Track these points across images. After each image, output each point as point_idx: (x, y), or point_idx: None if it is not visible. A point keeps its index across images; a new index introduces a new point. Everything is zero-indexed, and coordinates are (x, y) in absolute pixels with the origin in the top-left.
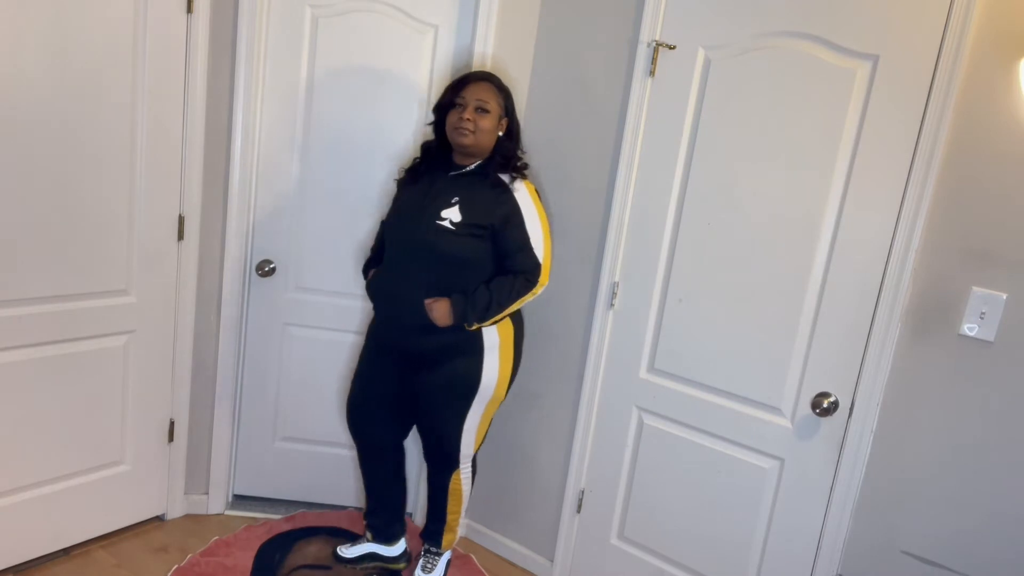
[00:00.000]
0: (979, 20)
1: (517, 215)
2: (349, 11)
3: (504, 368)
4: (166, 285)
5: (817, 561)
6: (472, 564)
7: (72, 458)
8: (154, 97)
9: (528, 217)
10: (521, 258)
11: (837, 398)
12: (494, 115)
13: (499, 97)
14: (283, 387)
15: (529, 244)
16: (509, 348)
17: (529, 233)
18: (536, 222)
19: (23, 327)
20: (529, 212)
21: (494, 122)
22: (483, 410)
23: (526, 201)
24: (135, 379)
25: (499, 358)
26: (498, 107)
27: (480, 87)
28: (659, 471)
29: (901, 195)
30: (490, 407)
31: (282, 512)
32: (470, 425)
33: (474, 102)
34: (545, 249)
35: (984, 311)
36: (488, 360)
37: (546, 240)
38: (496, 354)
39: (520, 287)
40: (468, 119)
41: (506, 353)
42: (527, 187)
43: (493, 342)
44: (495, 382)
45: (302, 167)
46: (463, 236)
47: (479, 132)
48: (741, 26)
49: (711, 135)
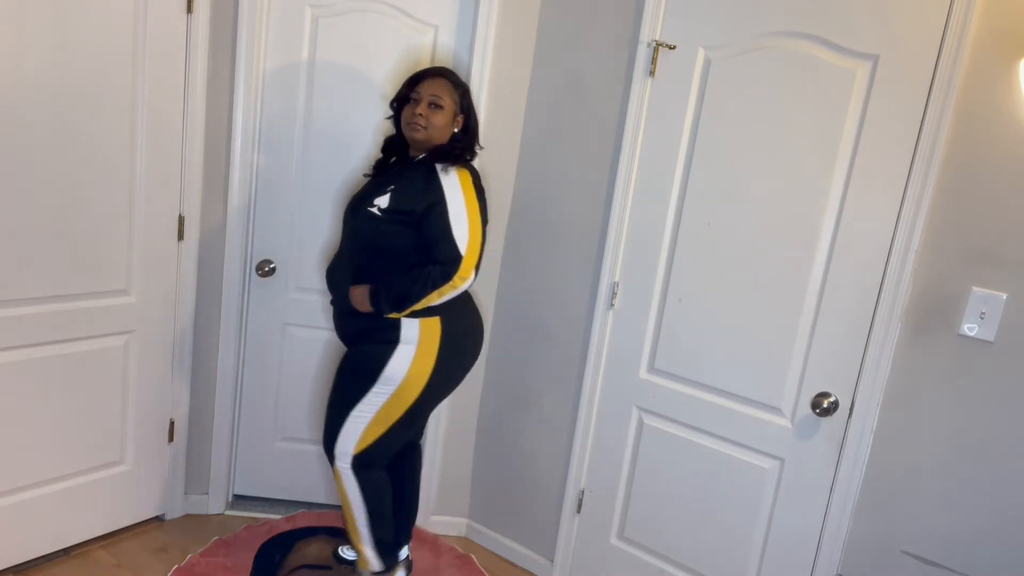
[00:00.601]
0: (979, 20)
1: (441, 202)
2: (349, 11)
3: (420, 366)
4: (166, 285)
5: (817, 561)
6: (472, 564)
7: (72, 458)
8: (154, 97)
9: (452, 204)
10: (442, 247)
11: (837, 398)
12: (448, 111)
13: (455, 93)
14: (283, 387)
15: (450, 233)
16: (432, 347)
17: (452, 222)
18: (461, 210)
19: (23, 327)
20: (455, 199)
21: (448, 118)
22: (380, 404)
23: (453, 188)
24: (135, 379)
25: (416, 353)
26: (453, 103)
27: (435, 83)
28: (659, 471)
29: (901, 195)
30: (391, 405)
31: (282, 512)
32: (357, 414)
33: (428, 97)
34: (470, 240)
35: (984, 311)
36: (401, 352)
37: (473, 230)
38: (412, 348)
39: (437, 278)
40: (420, 114)
41: (426, 351)
42: (459, 174)
43: (412, 335)
44: (403, 375)
45: (302, 167)
46: (388, 223)
47: (431, 128)
48: (741, 26)
49: (711, 135)
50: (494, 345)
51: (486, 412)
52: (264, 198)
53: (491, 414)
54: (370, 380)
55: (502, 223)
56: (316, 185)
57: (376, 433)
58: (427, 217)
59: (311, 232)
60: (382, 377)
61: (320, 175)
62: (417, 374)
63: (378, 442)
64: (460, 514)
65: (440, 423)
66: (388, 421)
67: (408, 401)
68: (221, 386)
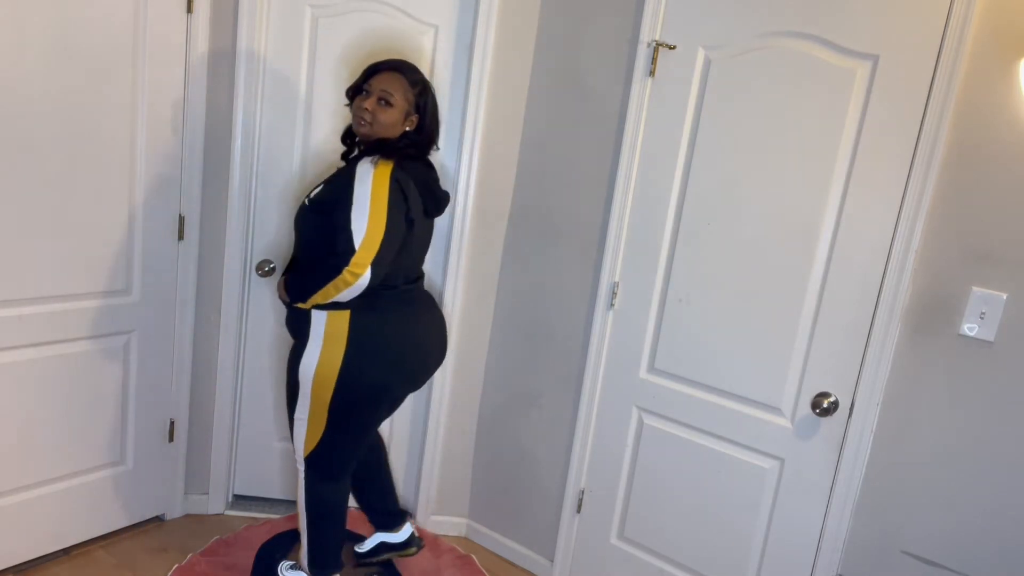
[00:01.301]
0: (979, 20)
1: (348, 193)
2: (349, 11)
3: (326, 364)
4: (166, 285)
5: (817, 561)
6: (472, 564)
7: (72, 458)
8: (154, 97)
9: (357, 196)
10: (338, 239)
11: (837, 398)
12: (398, 109)
13: (409, 91)
14: (282, 387)
15: (348, 225)
16: (339, 344)
17: (352, 213)
18: (364, 203)
19: (23, 327)
20: (361, 191)
21: (396, 116)
22: (307, 405)
23: (363, 180)
24: (135, 379)
25: (321, 351)
26: (404, 101)
27: (388, 77)
28: (659, 471)
29: (901, 195)
30: (314, 404)
31: (282, 512)
32: (298, 416)
33: (378, 92)
34: (368, 235)
35: (984, 311)
36: (310, 348)
37: (373, 225)
38: (318, 345)
39: (330, 270)
40: (367, 109)
41: (332, 348)
42: (376, 168)
43: (318, 331)
44: (311, 375)
45: (302, 167)
46: (312, 214)
47: (376, 124)
48: (741, 26)
49: (711, 135)
50: (494, 345)
51: (486, 412)
52: (264, 198)
53: (491, 414)
54: (295, 380)
55: (502, 223)
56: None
57: (316, 435)
58: (335, 209)
59: None
60: (300, 376)
61: (320, 175)
62: (324, 373)
63: (321, 445)
64: (460, 514)
65: (440, 423)
66: (320, 421)
67: (324, 400)
68: (221, 386)
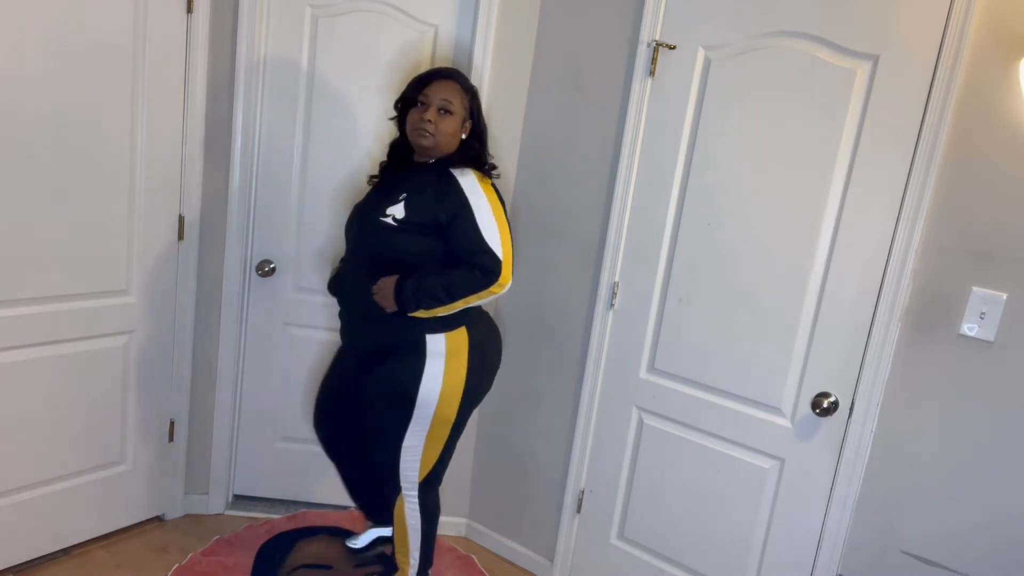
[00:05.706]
0: (979, 20)
1: (465, 207)
2: (349, 11)
3: (452, 383)
4: (166, 285)
5: (817, 561)
6: (473, 564)
7: (72, 458)
8: (154, 97)
9: (478, 208)
10: (476, 253)
11: (837, 398)
12: (458, 117)
13: (464, 98)
14: (283, 387)
15: (482, 237)
16: (461, 361)
17: (480, 226)
18: (488, 213)
19: (23, 327)
20: (479, 203)
21: (457, 124)
22: (427, 428)
23: (474, 191)
24: (135, 379)
25: (445, 369)
26: (463, 109)
27: (445, 86)
28: (659, 471)
29: (901, 195)
30: (436, 427)
31: (282, 512)
32: (409, 445)
33: (438, 102)
34: (503, 243)
35: (984, 311)
36: (431, 368)
37: (503, 233)
38: (441, 363)
39: (476, 281)
40: (429, 120)
41: (455, 365)
42: (476, 176)
43: (438, 348)
44: (437, 396)
45: (302, 167)
46: (406, 233)
47: (439, 135)
48: (741, 26)
49: (711, 135)
50: None
51: (486, 412)
52: (264, 198)
53: (491, 414)
54: (407, 407)
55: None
56: (316, 185)
57: (434, 455)
58: (454, 226)
59: (311, 232)
60: (418, 403)
61: (320, 175)
62: (451, 392)
63: (439, 461)
64: (460, 514)
65: None
66: (440, 440)
67: (450, 419)
68: (221, 386)
